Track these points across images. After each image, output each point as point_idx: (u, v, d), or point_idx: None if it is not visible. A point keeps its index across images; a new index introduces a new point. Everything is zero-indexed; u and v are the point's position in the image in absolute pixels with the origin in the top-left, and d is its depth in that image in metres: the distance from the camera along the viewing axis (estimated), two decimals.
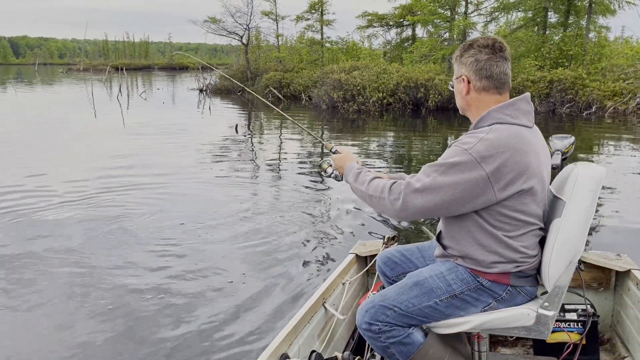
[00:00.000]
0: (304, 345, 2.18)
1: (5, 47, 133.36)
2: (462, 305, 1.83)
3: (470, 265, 1.82)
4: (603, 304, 2.70)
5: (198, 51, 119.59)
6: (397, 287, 1.89)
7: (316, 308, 2.37)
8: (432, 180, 1.68)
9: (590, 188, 1.74)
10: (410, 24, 25.84)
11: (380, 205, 1.78)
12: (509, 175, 1.65)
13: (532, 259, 1.80)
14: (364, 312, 1.86)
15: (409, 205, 1.70)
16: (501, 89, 1.79)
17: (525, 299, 1.85)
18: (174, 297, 3.73)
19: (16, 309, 3.58)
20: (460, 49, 1.84)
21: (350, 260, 2.83)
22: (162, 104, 21.36)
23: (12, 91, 28.75)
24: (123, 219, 5.54)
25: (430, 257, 2.12)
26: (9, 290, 3.87)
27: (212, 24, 28.75)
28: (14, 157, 9.26)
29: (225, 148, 10.44)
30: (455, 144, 1.73)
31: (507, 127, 1.72)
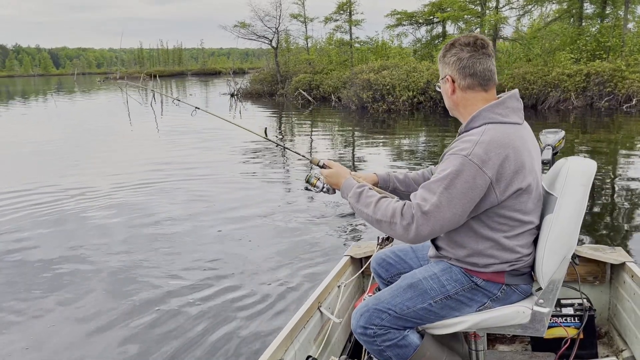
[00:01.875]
0: (300, 350, 2.15)
1: (46, 59, 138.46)
2: (457, 306, 1.82)
3: (465, 266, 1.81)
4: (599, 298, 2.68)
5: (230, 56, 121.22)
6: (390, 289, 1.87)
7: (311, 312, 2.34)
8: (440, 196, 1.62)
9: (582, 182, 1.72)
10: (440, 21, 25.47)
11: (391, 230, 1.69)
12: (509, 176, 1.64)
13: (527, 257, 1.79)
14: (359, 316, 1.84)
15: (423, 230, 1.63)
16: (486, 86, 1.77)
17: (521, 297, 1.83)
18: (166, 303, 3.78)
19: (59, 309, 3.70)
20: (443, 50, 1.83)
21: (345, 263, 2.80)
22: (194, 110, 21.68)
23: (52, 102, 29.80)
24: (155, 218, 5.70)
25: (424, 257, 2.11)
26: (51, 292, 3.99)
27: (241, 28, 29.07)
28: (56, 163, 9.61)
29: (252, 152, 10.52)
30: (451, 152, 1.68)
31: (500, 127, 1.70)
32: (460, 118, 1.85)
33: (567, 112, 16.57)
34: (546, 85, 17.74)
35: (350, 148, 11.28)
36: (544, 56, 19.89)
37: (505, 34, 21.99)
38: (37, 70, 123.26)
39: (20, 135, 14.43)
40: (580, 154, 9.59)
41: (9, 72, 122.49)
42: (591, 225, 5.27)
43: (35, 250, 4.99)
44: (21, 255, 4.85)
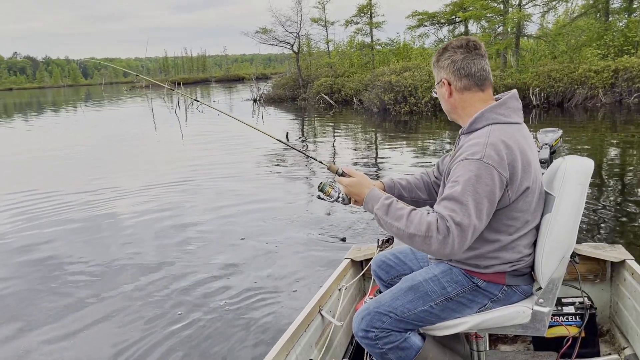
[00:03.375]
0: (301, 354, 2.15)
1: (75, 70, 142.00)
2: (458, 308, 1.82)
3: (466, 267, 1.81)
4: (600, 296, 2.67)
5: (253, 62, 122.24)
6: (391, 292, 1.87)
7: (312, 315, 2.34)
8: (469, 205, 1.59)
9: (580, 182, 1.73)
10: (462, 21, 25.21)
11: (425, 245, 1.61)
12: (519, 175, 1.65)
13: (528, 257, 1.79)
14: (360, 320, 1.84)
15: (459, 242, 1.59)
16: (482, 86, 1.78)
17: (521, 297, 1.83)
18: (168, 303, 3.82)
19: (90, 309, 3.80)
20: (436, 55, 1.84)
21: (345, 266, 2.79)
22: (217, 116, 21.97)
23: (81, 111, 30.55)
24: (179, 219, 5.80)
25: (423, 259, 2.10)
26: (81, 293, 4.10)
27: (263, 34, 29.33)
28: (85, 170, 9.85)
29: (274, 156, 10.58)
30: (463, 157, 1.66)
31: (504, 127, 1.71)
32: (459, 120, 1.86)
33: (595, 109, 16.19)
34: (572, 83, 17.38)
35: (372, 151, 11.25)
36: (570, 53, 19.48)
37: (529, 31, 21.64)
38: (67, 81, 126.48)
39: (53, 143, 14.82)
40: (611, 152, 9.37)
41: (40, 83, 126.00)
42: (591, 223, 5.21)
43: (64, 251, 5.15)
44: (51, 256, 5.00)
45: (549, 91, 17.72)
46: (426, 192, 2.07)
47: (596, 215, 5.44)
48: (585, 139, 10.98)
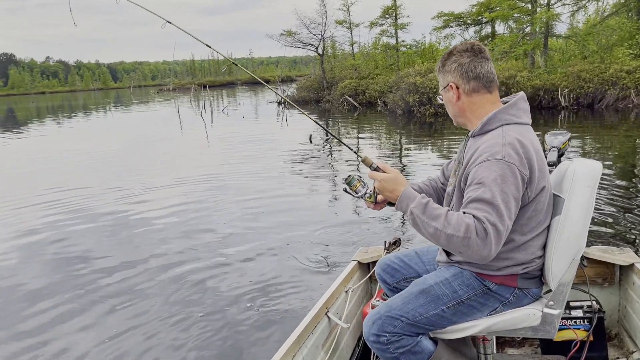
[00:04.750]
0: (308, 356, 2.15)
1: (105, 73, 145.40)
2: (469, 311, 1.81)
3: (477, 269, 1.79)
4: (608, 300, 2.64)
5: (278, 64, 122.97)
6: (402, 296, 1.85)
7: (319, 317, 2.33)
8: (500, 206, 1.57)
9: (588, 184, 1.74)
10: (489, 21, 24.90)
11: (464, 246, 1.57)
12: (536, 174, 1.67)
13: (539, 259, 1.79)
14: (371, 324, 1.81)
15: (496, 243, 1.57)
16: (490, 88, 1.80)
17: (531, 300, 1.83)
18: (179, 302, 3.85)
19: (117, 311, 3.87)
20: (441, 60, 1.85)
21: (352, 268, 2.79)
22: (242, 118, 22.18)
23: (110, 114, 31.24)
24: (203, 219, 5.89)
25: (429, 261, 2.08)
26: (109, 290, 4.18)
27: (287, 37, 29.49)
28: (114, 170, 10.08)
29: (295, 159, 10.62)
30: (483, 159, 1.64)
31: (517, 127, 1.73)
32: (467, 124, 1.85)
33: (626, 110, 15.78)
34: (603, 83, 16.97)
35: (397, 153, 11.19)
36: (601, 53, 19.03)
37: (558, 31, 21.21)
38: (97, 84, 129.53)
39: (83, 144, 15.19)
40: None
41: (71, 87, 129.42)
42: (600, 227, 5.11)
43: (93, 246, 5.29)
44: (80, 251, 5.12)
45: (578, 92, 17.34)
46: (436, 197, 2.06)
47: (606, 218, 5.36)
48: (616, 141, 10.70)
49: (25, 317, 3.92)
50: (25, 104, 61.42)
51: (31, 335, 3.64)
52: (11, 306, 4.14)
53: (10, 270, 4.98)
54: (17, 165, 12.14)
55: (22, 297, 4.31)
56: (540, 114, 16.84)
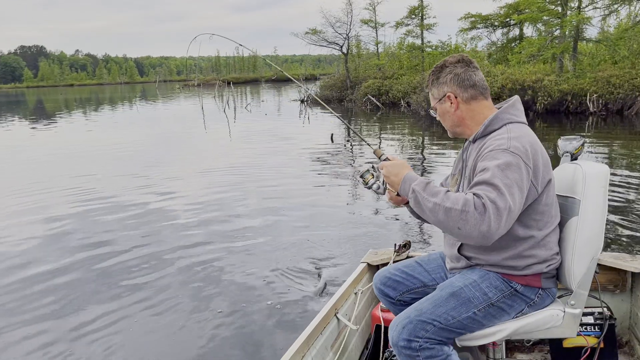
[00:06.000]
0: (317, 357, 2.14)
1: (132, 67, 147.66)
2: (498, 314, 1.81)
3: (502, 270, 1.80)
4: (620, 306, 2.62)
5: (302, 62, 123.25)
6: (431, 300, 1.81)
7: (328, 319, 2.33)
8: (501, 187, 1.58)
9: (602, 185, 1.81)
10: (517, 23, 24.51)
11: (461, 220, 1.55)
12: (541, 167, 1.71)
13: (557, 256, 1.83)
14: (401, 329, 1.75)
15: (496, 220, 1.55)
16: (486, 94, 1.87)
17: (551, 300, 1.87)
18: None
19: (140, 308, 3.91)
20: (433, 74, 1.91)
21: (361, 270, 2.78)
22: (264, 116, 22.28)
23: (136, 108, 31.71)
24: (224, 214, 5.95)
25: (434, 270, 2.07)
26: (130, 286, 4.24)
27: (312, 35, 29.52)
28: (139, 164, 10.24)
29: (316, 158, 10.61)
30: (488, 151, 1.70)
31: (519, 125, 1.80)
32: (465, 132, 1.90)
33: None
34: (634, 89, 16.57)
35: (418, 154, 11.11)
36: (632, 58, 18.58)
37: (588, 35, 20.78)
38: (124, 78, 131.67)
39: (108, 138, 15.45)
40: None
41: (99, 80, 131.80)
42: (612, 233, 5.02)
43: (114, 240, 5.36)
44: (101, 249, 5.20)
45: (607, 98, 16.96)
46: None
47: (619, 225, 5.27)
48: None
49: (45, 304, 4.01)
50: (54, 95, 62.77)
51: (51, 321, 3.71)
52: (34, 291, 4.24)
53: (34, 256, 5.10)
54: (46, 155, 12.41)
55: (43, 283, 4.40)
56: (567, 119, 16.53)
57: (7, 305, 4.04)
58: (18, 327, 3.67)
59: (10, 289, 4.35)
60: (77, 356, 3.26)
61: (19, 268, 4.83)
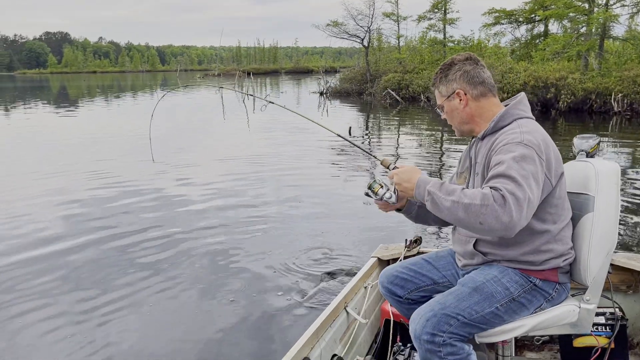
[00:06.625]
0: (325, 349, 2.15)
1: (154, 56, 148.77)
2: (519, 309, 1.81)
3: (520, 266, 1.81)
4: (632, 307, 2.60)
5: (323, 55, 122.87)
6: (453, 294, 1.80)
7: (338, 312, 2.35)
8: (522, 180, 1.56)
9: (615, 181, 1.84)
10: (543, 19, 24.08)
11: (481, 214, 1.53)
12: (553, 160, 1.73)
13: (572, 250, 1.85)
14: (424, 322, 1.73)
15: (517, 210, 1.53)
16: (494, 92, 1.90)
17: (566, 295, 1.89)
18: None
19: (153, 291, 3.98)
20: (441, 72, 1.92)
21: (372, 264, 2.80)
22: (283, 107, 22.25)
23: (157, 96, 31.99)
24: (241, 204, 6.01)
25: (444, 267, 2.06)
26: (146, 273, 4.30)
27: (333, 27, 29.39)
28: (155, 151, 10.32)
29: (333, 150, 10.60)
30: (502, 145, 1.71)
31: (529, 120, 1.82)
32: (474, 130, 1.91)
33: None
34: None
35: (437, 150, 11.04)
36: None
37: (615, 33, 20.32)
38: (146, 66, 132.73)
39: (131, 124, 15.63)
40: None
41: (121, 67, 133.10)
42: (625, 234, 4.96)
43: (131, 227, 5.43)
44: (118, 230, 5.29)
45: (633, 97, 16.60)
46: None
47: (633, 227, 5.20)
48: None
49: (59, 284, 4.09)
50: (77, 82, 63.66)
51: (64, 301, 3.79)
52: (49, 270, 4.32)
53: (51, 236, 5.23)
54: (68, 139, 12.61)
55: (57, 263, 4.50)
56: (591, 118, 16.23)
57: (23, 284, 4.13)
58: (33, 306, 3.75)
59: (27, 268, 4.44)
60: (90, 337, 3.33)
61: (34, 247, 4.95)
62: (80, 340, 3.29)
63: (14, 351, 3.19)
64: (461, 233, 1.94)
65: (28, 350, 3.20)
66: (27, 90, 45.02)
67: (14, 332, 3.40)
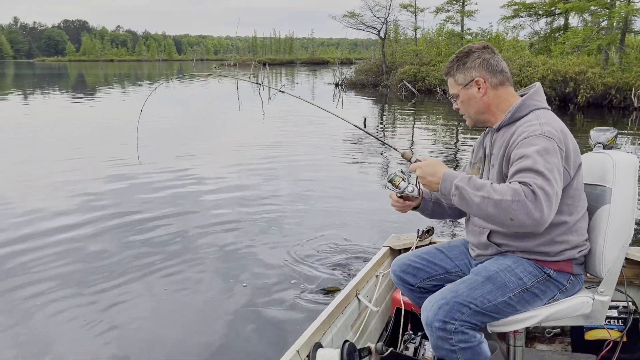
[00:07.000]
0: (337, 335, 2.18)
1: (170, 45, 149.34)
2: (532, 299, 1.81)
3: (534, 257, 1.81)
4: None
5: (339, 46, 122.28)
6: (466, 283, 1.81)
7: (349, 299, 2.37)
8: (549, 174, 1.58)
9: (632, 173, 1.84)
10: (563, 13, 23.70)
11: (513, 210, 1.53)
12: (571, 151, 1.73)
13: (587, 241, 1.84)
14: (436, 309, 1.74)
15: (547, 205, 1.54)
16: (510, 81, 1.89)
17: (580, 287, 1.89)
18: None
19: (164, 274, 4.04)
20: (458, 59, 1.88)
21: (383, 253, 2.83)
22: (298, 98, 22.25)
23: (172, 85, 32.15)
24: (255, 195, 6.06)
25: (456, 257, 2.06)
26: (161, 257, 4.35)
27: (350, 18, 29.24)
28: (170, 139, 10.46)
29: (348, 141, 10.60)
30: (522, 138, 1.69)
31: (546, 111, 1.81)
32: (489, 120, 1.89)
33: None
34: None
35: (452, 144, 10.97)
36: None
37: (637, 27, 19.93)
38: (162, 55, 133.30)
39: (148, 113, 15.74)
40: None
41: (138, 56, 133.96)
42: None
43: (146, 213, 5.50)
44: (132, 216, 5.36)
45: None
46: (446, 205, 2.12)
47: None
48: None
49: (72, 269, 4.17)
50: (94, 70, 64.19)
51: (76, 286, 3.86)
52: (62, 255, 4.40)
53: (65, 221, 5.32)
54: (86, 126, 12.76)
55: (70, 247, 4.57)
56: (610, 113, 15.99)
57: (38, 267, 4.20)
58: (47, 288, 3.83)
59: (42, 252, 4.51)
60: (102, 319, 3.38)
61: (52, 231, 5.04)
62: (91, 321, 3.35)
63: (28, 331, 3.26)
64: (475, 224, 1.93)
65: (43, 331, 3.27)
66: (45, 77, 45.53)
67: (29, 313, 3.47)
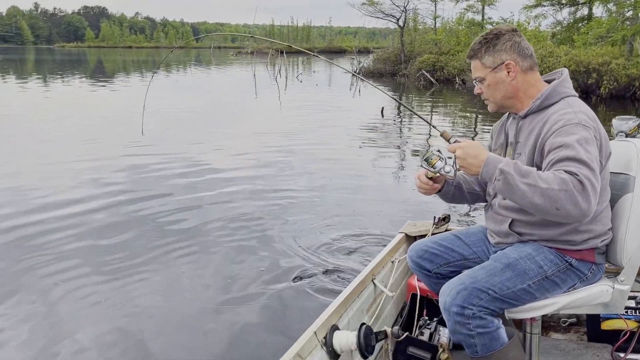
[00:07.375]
0: (353, 318, 2.20)
1: (188, 32, 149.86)
2: (551, 287, 1.79)
3: (557, 245, 1.79)
4: None
5: (357, 35, 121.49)
6: (485, 269, 1.79)
7: (365, 283, 2.39)
8: (591, 164, 1.55)
9: None
10: (587, 2, 23.18)
11: (560, 199, 1.49)
12: (604, 140, 1.71)
13: (610, 231, 1.82)
14: (455, 294, 1.73)
15: (594, 196, 1.53)
16: (537, 67, 1.85)
17: (600, 276, 1.86)
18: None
19: (179, 254, 4.09)
20: (487, 41, 1.82)
21: (399, 239, 2.85)
22: (315, 86, 22.22)
23: (190, 73, 32.31)
24: (271, 183, 6.07)
25: (474, 243, 2.05)
26: (173, 247, 4.38)
27: (369, 6, 28.95)
28: (189, 131, 10.52)
29: (365, 130, 10.55)
30: (559, 127, 1.66)
31: (576, 99, 1.78)
32: (515, 106, 1.86)
33: None
34: None
35: (470, 134, 10.85)
36: None
37: None
38: (180, 42, 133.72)
39: (165, 101, 15.87)
40: None
41: (156, 43, 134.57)
42: None
43: (162, 198, 5.55)
44: (146, 216, 5.38)
45: None
46: (477, 184, 2.09)
47: None
48: None
49: (86, 250, 4.22)
50: (113, 56, 64.78)
51: (90, 266, 3.91)
52: (76, 237, 4.46)
53: (84, 218, 5.31)
54: (105, 113, 12.89)
55: (84, 230, 4.63)
56: (633, 105, 15.67)
57: (51, 249, 4.24)
58: (65, 267, 3.89)
59: (57, 234, 4.57)
60: (117, 297, 3.43)
61: (69, 209, 5.13)
62: (106, 299, 3.40)
63: (45, 309, 3.31)
64: (497, 212, 1.91)
65: (58, 307, 3.31)
66: (65, 62, 46.04)
67: (45, 290, 3.53)
